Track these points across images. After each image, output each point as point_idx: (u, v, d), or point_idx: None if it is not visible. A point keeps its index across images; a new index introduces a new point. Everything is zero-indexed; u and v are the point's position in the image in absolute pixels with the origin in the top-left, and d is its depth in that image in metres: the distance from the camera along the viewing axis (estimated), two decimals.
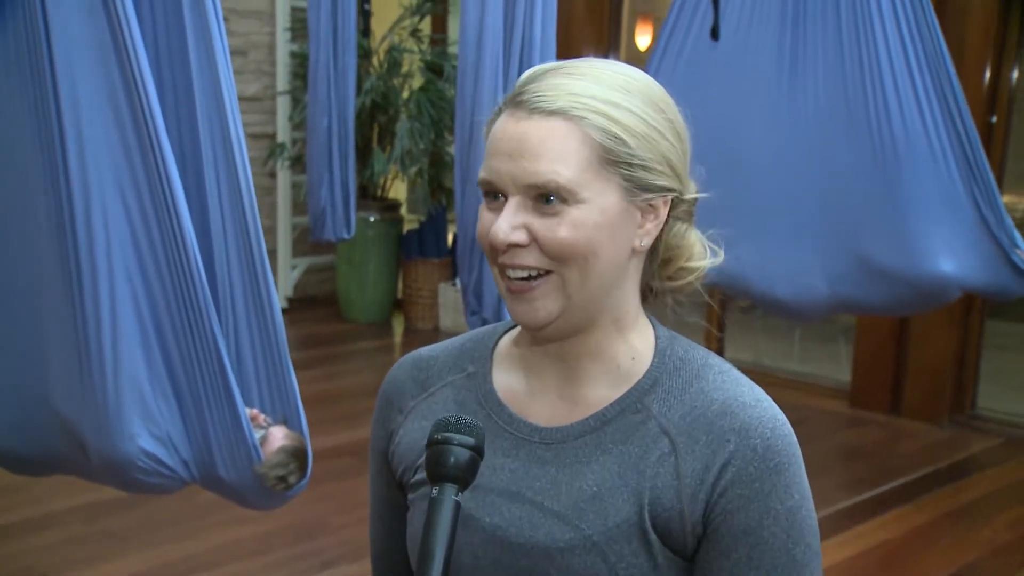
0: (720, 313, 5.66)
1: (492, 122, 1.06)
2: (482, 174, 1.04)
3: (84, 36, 1.99)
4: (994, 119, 4.81)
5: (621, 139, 1.01)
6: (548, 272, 1.03)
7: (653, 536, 1.02)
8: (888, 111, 3.20)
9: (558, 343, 1.09)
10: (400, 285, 6.71)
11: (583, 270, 1.03)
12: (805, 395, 5.37)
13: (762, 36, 3.43)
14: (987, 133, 4.80)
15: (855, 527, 3.83)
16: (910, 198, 3.23)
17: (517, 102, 1.03)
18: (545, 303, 1.04)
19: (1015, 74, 4.83)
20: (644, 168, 1.03)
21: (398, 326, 6.65)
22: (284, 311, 6.55)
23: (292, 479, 2.13)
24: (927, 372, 5.03)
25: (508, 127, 1.03)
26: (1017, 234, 3.27)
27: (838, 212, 3.37)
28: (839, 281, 3.41)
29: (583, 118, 1.01)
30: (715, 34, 3.46)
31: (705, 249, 1.13)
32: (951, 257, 3.23)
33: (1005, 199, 4.96)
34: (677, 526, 1.02)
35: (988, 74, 4.73)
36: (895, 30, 3.18)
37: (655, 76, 1.09)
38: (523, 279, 1.03)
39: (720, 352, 5.87)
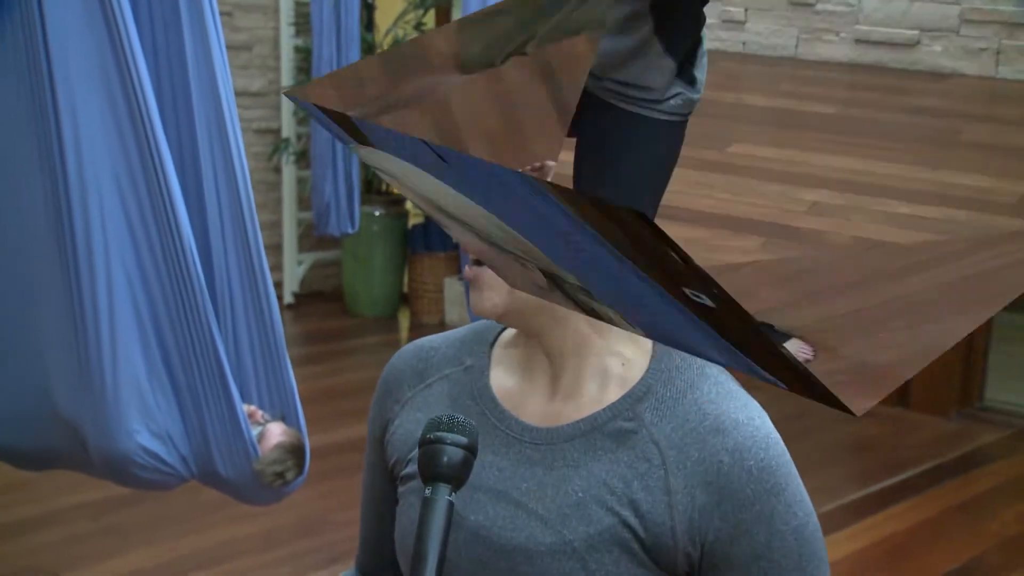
0: None
1: None
2: None
3: (81, 35, 2.00)
4: None
5: None
6: None
7: (637, 547, 1.01)
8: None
9: (543, 338, 1.07)
10: (406, 279, 6.70)
11: None
12: None
13: None
14: None
15: (863, 519, 3.82)
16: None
17: None
18: (491, 294, 1.04)
19: None
20: None
21: (404, 320, 6.64)
22: (290, 306, 6.57)
23: (289, 475, 2.13)
24: (935, 364, 4.94)
25: None
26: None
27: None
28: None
29: None
30: None
31: None
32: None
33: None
34: (669, 541, 1.00)
35: None
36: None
37: None
38: (476, 264, 1.04)
39: None
